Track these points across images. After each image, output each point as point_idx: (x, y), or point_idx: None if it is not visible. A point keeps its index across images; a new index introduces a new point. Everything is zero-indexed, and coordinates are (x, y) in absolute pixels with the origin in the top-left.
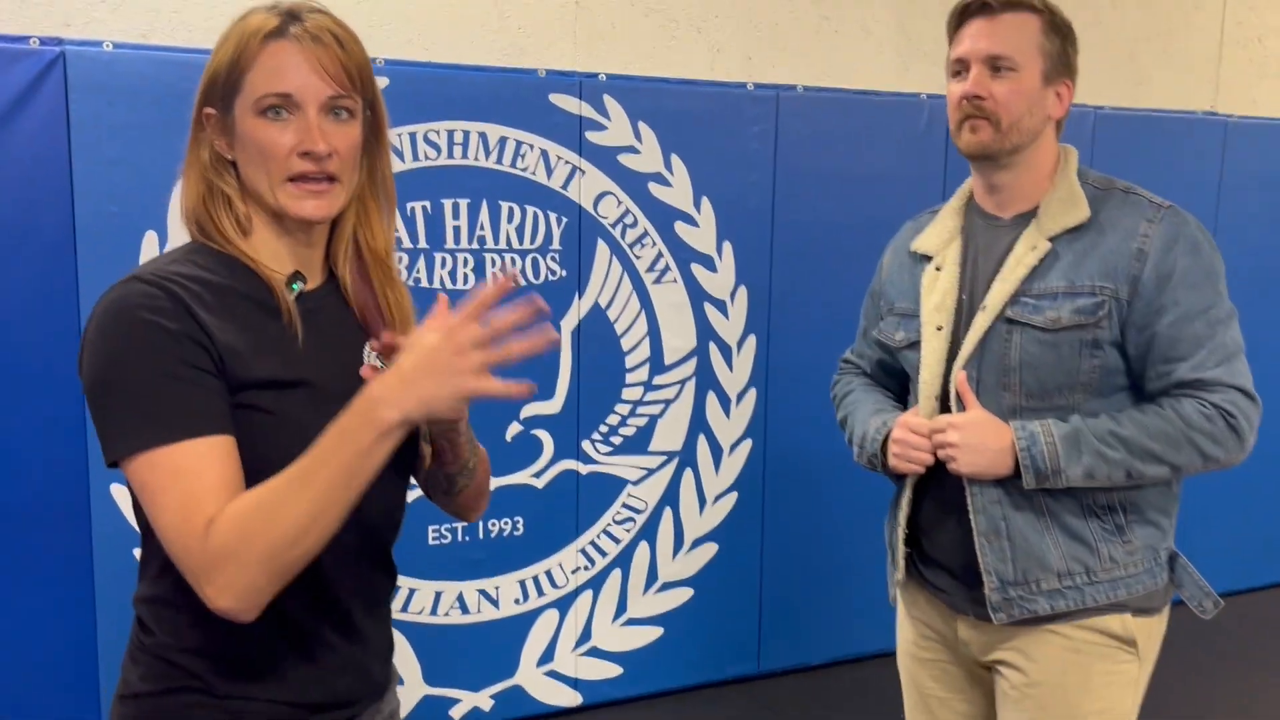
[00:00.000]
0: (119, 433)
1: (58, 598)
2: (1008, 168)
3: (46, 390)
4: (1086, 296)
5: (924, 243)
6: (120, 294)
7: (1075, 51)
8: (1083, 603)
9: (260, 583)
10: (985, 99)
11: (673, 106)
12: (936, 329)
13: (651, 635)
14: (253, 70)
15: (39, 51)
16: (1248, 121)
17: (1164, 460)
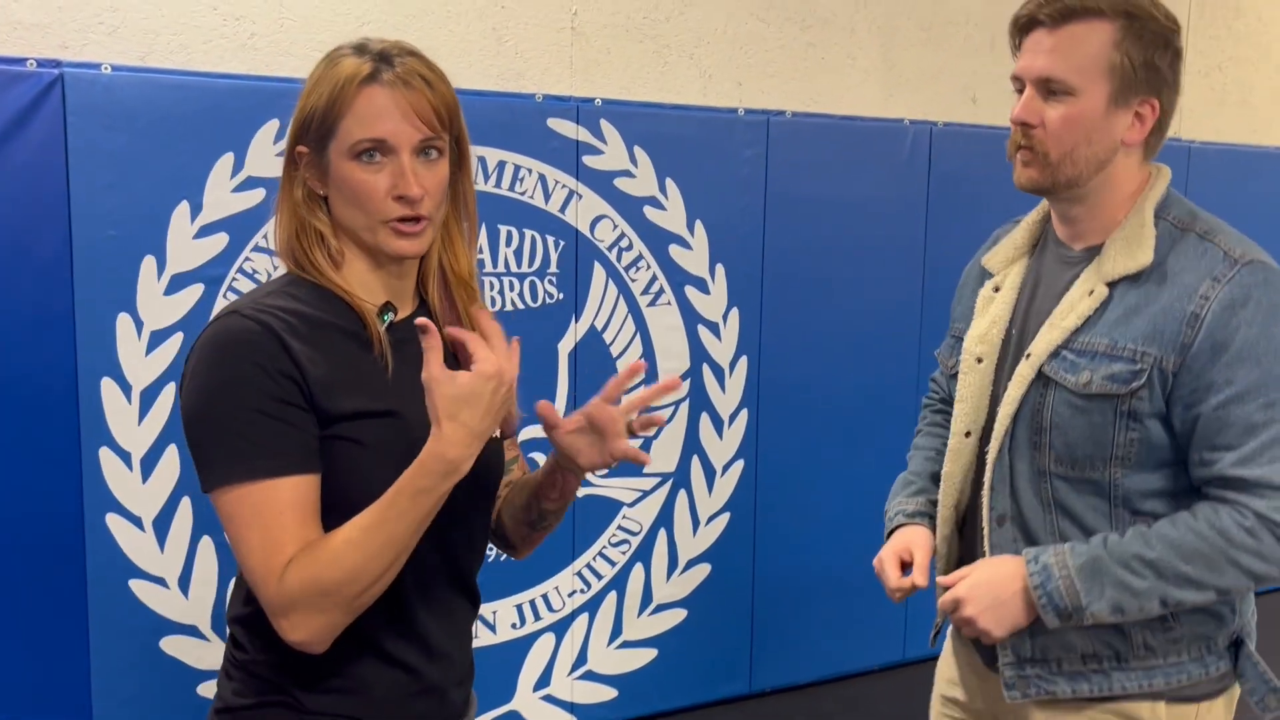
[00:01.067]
0: (211, 463)
1: (52, 629)
2: (1075, 200)
3: (41, 418)
4: (1125, 362)
5: (992, 258)
6: (220, 328)
7: (1172, 60)
8: (1109, 689)
9: (333, 622)
10: (1035, 126)
11: (667, 131)
12: (976, 360)
13: (646, 657)
14: (348, 116)
15: (37, 74)
16: (1210, 147)
17: (1204, 585)
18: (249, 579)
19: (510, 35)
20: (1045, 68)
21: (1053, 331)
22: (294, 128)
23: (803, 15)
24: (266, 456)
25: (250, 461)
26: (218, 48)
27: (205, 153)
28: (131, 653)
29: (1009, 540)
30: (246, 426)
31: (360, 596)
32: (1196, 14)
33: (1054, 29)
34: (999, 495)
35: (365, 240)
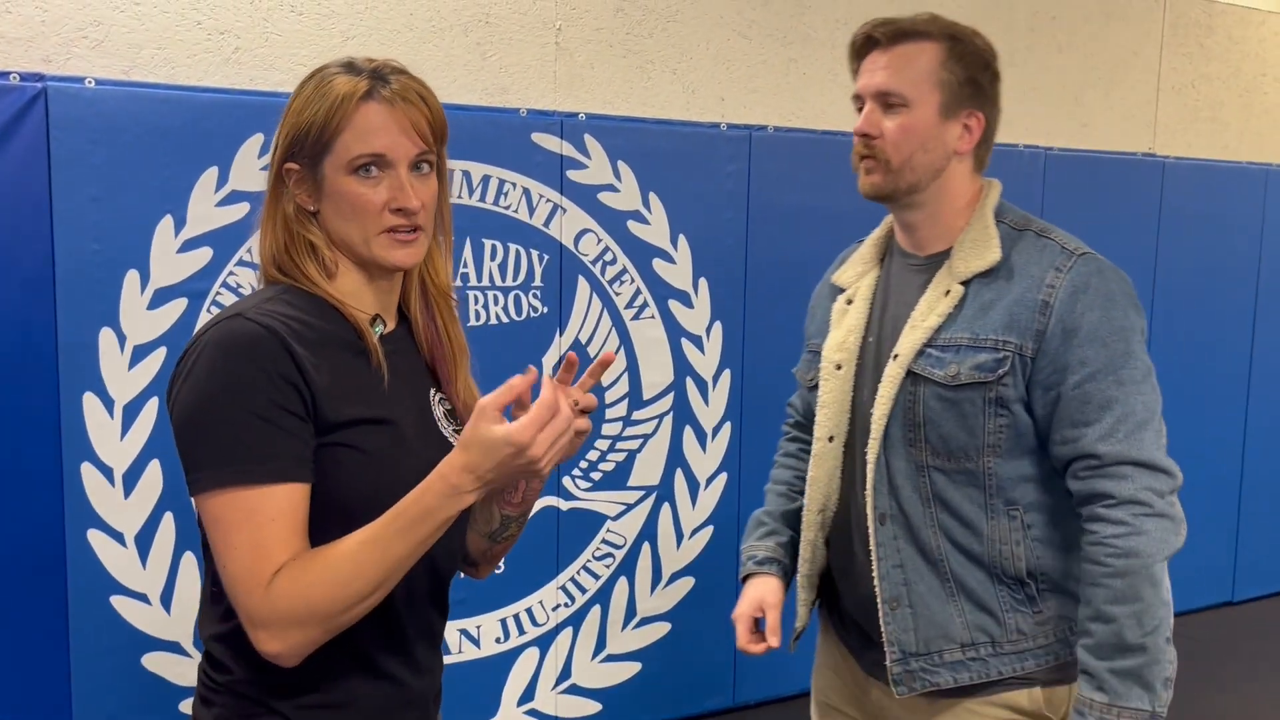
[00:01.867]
0: (203, 465)
1: (33, 647)
2: (913, 207)
3: (23, 433)
4: (988, 351)
5: (841, 274)
6: (225, 330)
7: (992, 79)
8: (987, 674)
9: (313, 639)
10: (876, 137)
11: (650, 146)
12: (836, 368)
13: (630, 671)
14: (346, 132)
15: (20, 88)
16: (1183, 162)
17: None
18: (230, 586)
19: (495, 50)
20: (883, 83)
21: (916, 332)
22: (284, 144)
23: (784, 31)
24: (262, 461)
25: (245, 465)
26: (202, 62)
27: (189, 167)
28: (113, 669)
29: (890, 538)
30: (243, 430)
31: (345, 614)
32: (1169, 32)
33: (888, 48)
34: (880, 494)
35: (360, 253)
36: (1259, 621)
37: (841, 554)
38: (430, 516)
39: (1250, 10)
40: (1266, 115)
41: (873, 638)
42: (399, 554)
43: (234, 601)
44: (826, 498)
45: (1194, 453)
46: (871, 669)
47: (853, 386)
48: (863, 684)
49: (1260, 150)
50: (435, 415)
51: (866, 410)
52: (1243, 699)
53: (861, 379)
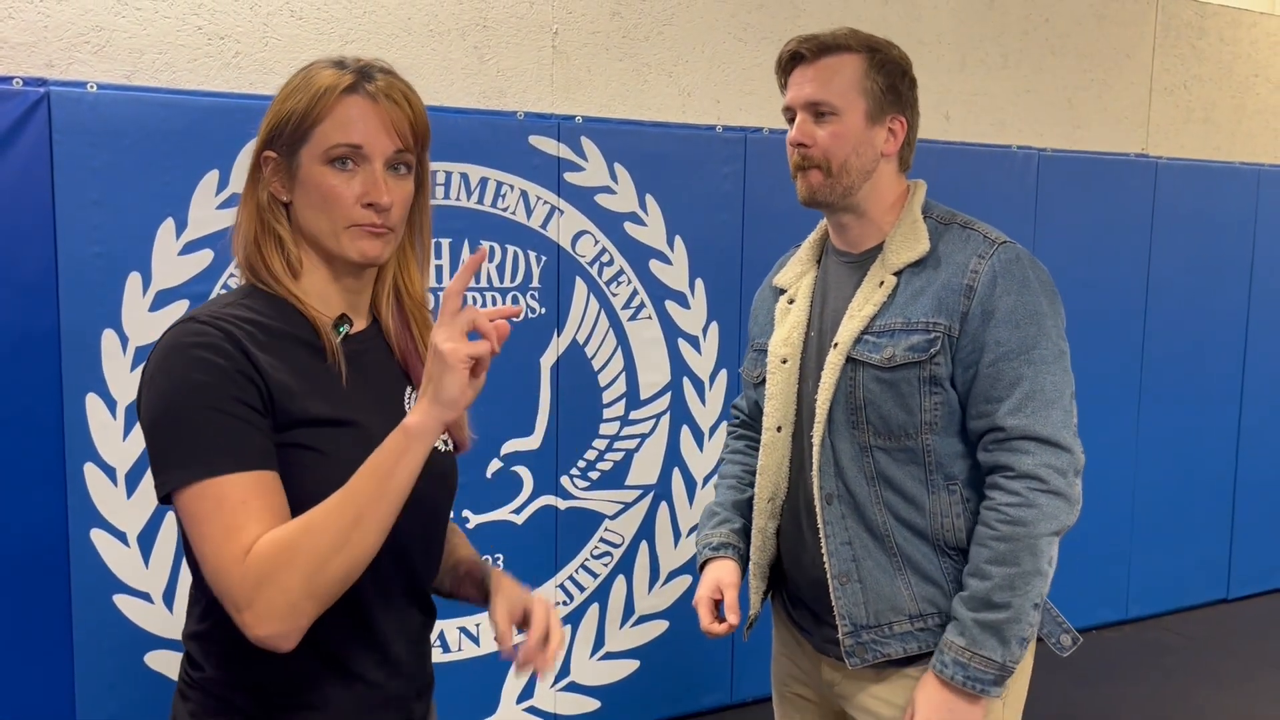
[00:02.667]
0: (170, 466)
1: (37, 644)
2: (847, 210)
3: (26, 434)
4: (920, 333)
5: (782, 277)
6: (176, 333)
7: (910, 85)
8: (934, 644)
9: (300, 604)
10: (810, 146)
11: (647, 148)
12: (781, 362)
13: (628, 668)
14: (325, 121)
15: (23, 92)
16: (1176, 163)
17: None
18: (211, 577)
19: (492, 54)
20: (812, 94)
21: (853, 321)
22: (264, 132)
23: (779, 34)
24: (226, 453)
25: (210, 459)
26: (203, 66)
27: (190, 170)
28: (116, 668)
29: (838, 516)
30: (205, 425)
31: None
32: (1161, 34)
33: (813, 62)
34: (825, 476)
35: (328, 247)
36: (1254, 618)
37: (791, 538)
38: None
39: (1242, 12)
40: (1258, 116)
41: (823, 616)
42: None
43: (217, 590)
44: (776, 485)
45: (1189, 451)
46: (823, 646)
47: (798, 379)
48: (815, 662)
49: (1252, 150)
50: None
51: (811, 399)
52: (1238, 695)
53: (805, 370)
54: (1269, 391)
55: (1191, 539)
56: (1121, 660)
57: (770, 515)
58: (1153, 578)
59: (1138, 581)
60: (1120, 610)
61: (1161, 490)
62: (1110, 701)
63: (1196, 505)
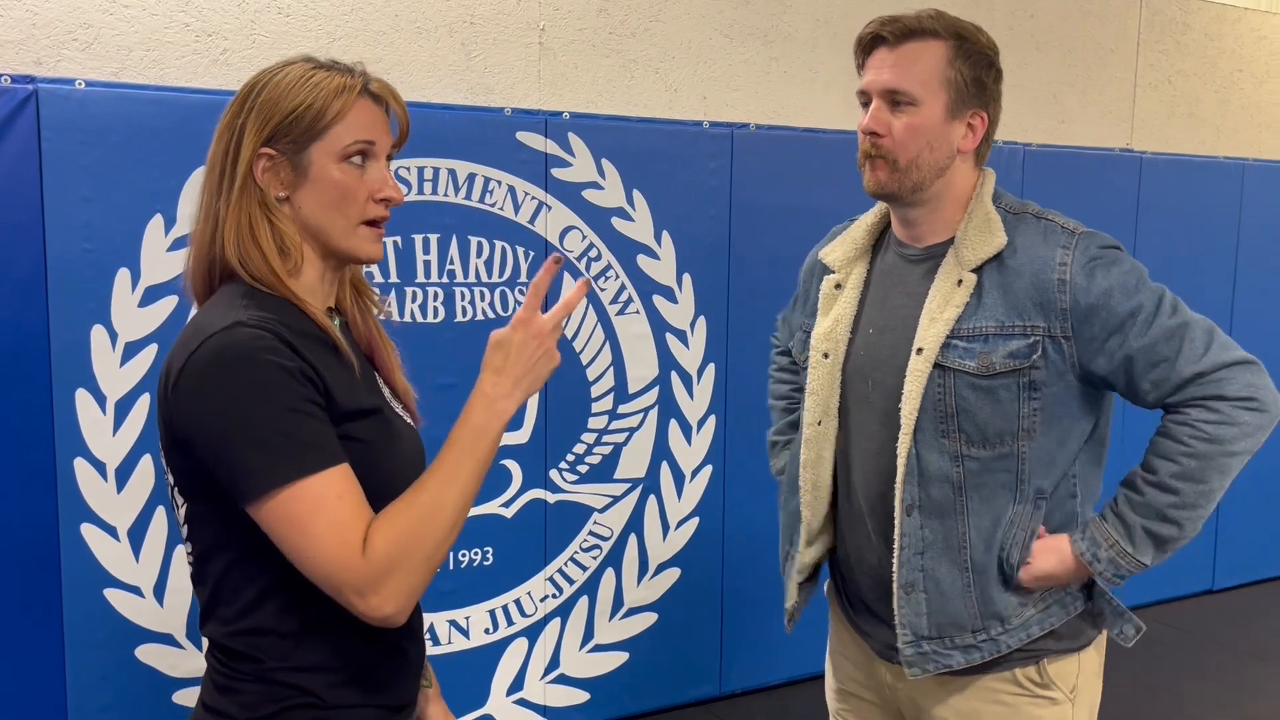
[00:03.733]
0: (256, 471)
1: (27, 639)
2: (916, 204)
3: (16, 429)
4: (1019, 338)
5: (830, 253)
6: (228, 340)
7: (995, 78)
8: (997, 651)
9: (421, 583)
10: (883, 136)
11: (634, 144)
12: (823, 356)
13: (618, 660)
14: (343, 121)
15: (11, 90)
16: (1160, 157)
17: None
18: (323, 573)
19: (479, 50)
20: (890, 81)
21: (936, 325)
22: (264, 130)
23: (766, 31)
24: (314, 450)
25: (300, 457)
26: (190, 63)
27: (179, 166)
28: (107, 661)
29: (916, 527)
30: (287, 425)
31: (440, 549)
32: (1146, 29)
33: (895, 46)
34: (909, 486)
35: (336, 244)
36: (1239, 609)
37: (855, 540)
38: (482, 434)
39: (1226, 7)
40: (1242, 111)
41: (885, 619)
42: (467, 478)
43: (331, 585)
44: (819, 479)
45: None
46: (882, 650)
47: (841, 373)
48: (873, 664)
49: (1236, 145)
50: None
51: (866, 402)
52: (1223, 685)
53: (855, 366)
54: None
55: None
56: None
57: (813, 507)
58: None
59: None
60: None
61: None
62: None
63: None
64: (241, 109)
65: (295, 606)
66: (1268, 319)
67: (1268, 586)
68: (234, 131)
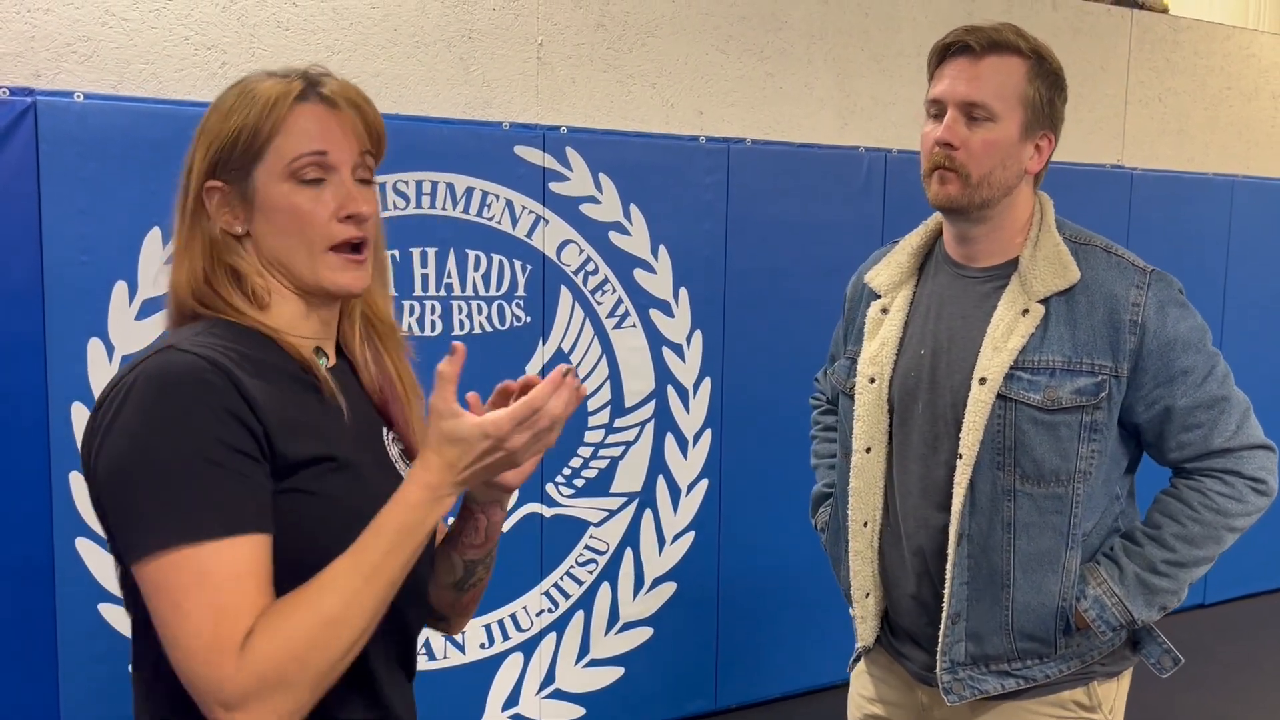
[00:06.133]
0: (144, 525)
1: (21, 653)
2: (979, 221)
3: (12, 441)
4: (1086, 375)
5: (876, 277)
6: (159, 365)
7: (1063, 101)
8: (1033, 680)
9: (306, 705)
10: (958, 148)
11: (631, 158)
12: (869, 381)
13: (613, 675)
14: (281, 134)
15: (10, 102)
16: (1151, 173)
17: (1213, 557)
18: (185, 664)
19: (477, 65)
20: (972, 93)
21: (1001, 354)
22: (203, 160)
23: (761, 46)
24: (216, 510)
25: (197, 517)
26: (189, 76)
27: (176, 180)
28: (101, 677)
29: (964, 556)
30: (188, 477)
31: (337, 664)
32: (1137, 47)
33: (979, 58)
34: (964, 517)
35: (302, 276)
36: (1231, 623)
37: (894, 564)
38: (415, 529)
39: (1215, 26)
40: (1231, 127)
41: (924, 644)
42: (388, 577)
43: (191, 682)
44: (870, 508)
45: None
46: (921, 674)
47: (887, 399)
48: (910, 686)
49: (1226, 162)
50: (390, 456)
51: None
52: (1216, 699)
53: (904, 391)
54: None
55: None
56: None
57: (867, 541)
58: None
59: None
60: None
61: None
62: None
63: None
64: (195, 137)
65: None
66: (1257, 334)
67: (1260, 600)
68: (187, 166)
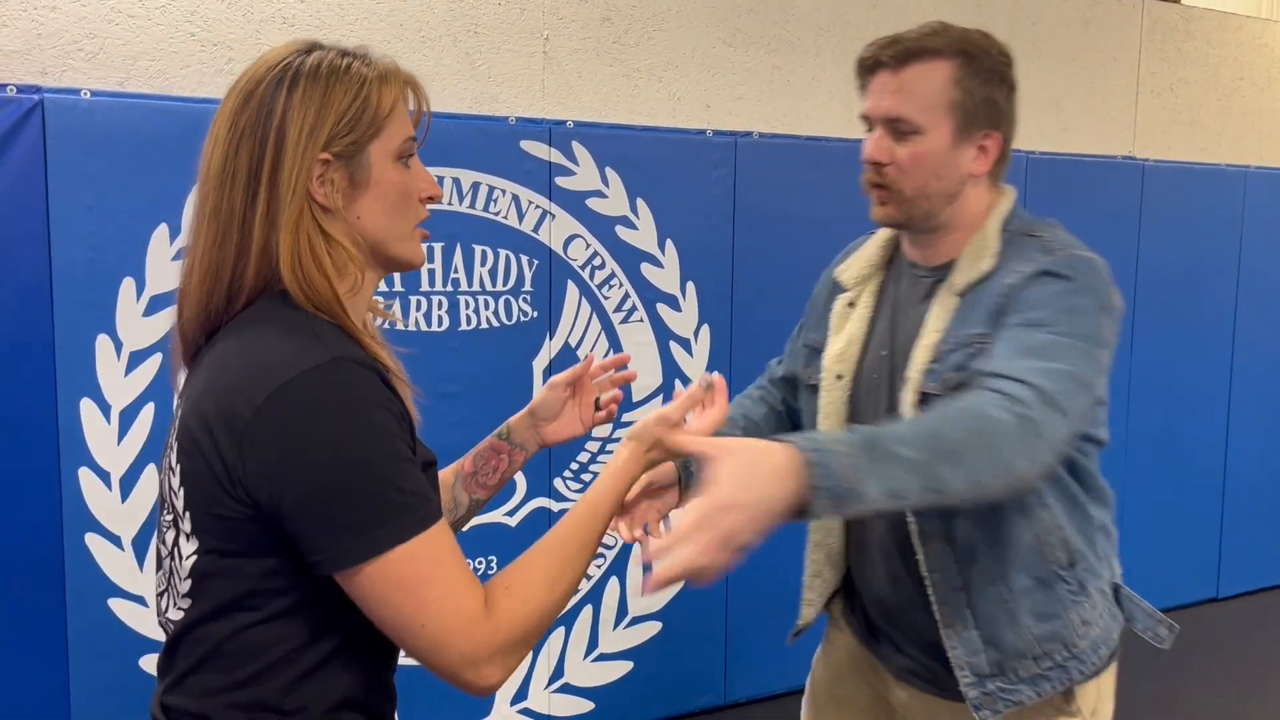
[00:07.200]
0: (371, 528)
1: (32, 648)
2: (928, 231)
3: (21, 438)
4: (965, 349)
5: (845, 271)
6: (333, 378)
7: (1009, 93)
8: (1068, 679)
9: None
10: (886, 165)
11: (637, 152)
12: (836, 378)
13: (622, 670)
14: (395, 116)
15: (17, 100)
16: (1163, 165)
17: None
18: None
19: (483, 60)
20: (891, 108)
21: (921, 354)
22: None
23: (768, 40)
24: (426, 501)
25: (418, 511)
26: (196, 73)
27: (184, 175)
28: (111, 671)
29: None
30: (400, 476)
31: (558, 613)
32: (1148, 38)
33: (897, 70)
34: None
35: (398, 255)
36: (1243, 617)
37: (860, 565)
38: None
39: (1228, 15)
40: (1244, 118)
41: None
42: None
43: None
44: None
45: (1177, 450)
46: (900, 674)
47: (850, 396)
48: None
49: (1238, 152)
50: None
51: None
52: (1228, 694)
53: (865, 390)
54: (1257, 390)
55: (1181, 538)
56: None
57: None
58: (1142, 576)
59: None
60: None
61: (1150, 489)
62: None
63: (1186, 504)
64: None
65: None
66: (1270, 326)
67: (1272, 594)
68: (262, 136)
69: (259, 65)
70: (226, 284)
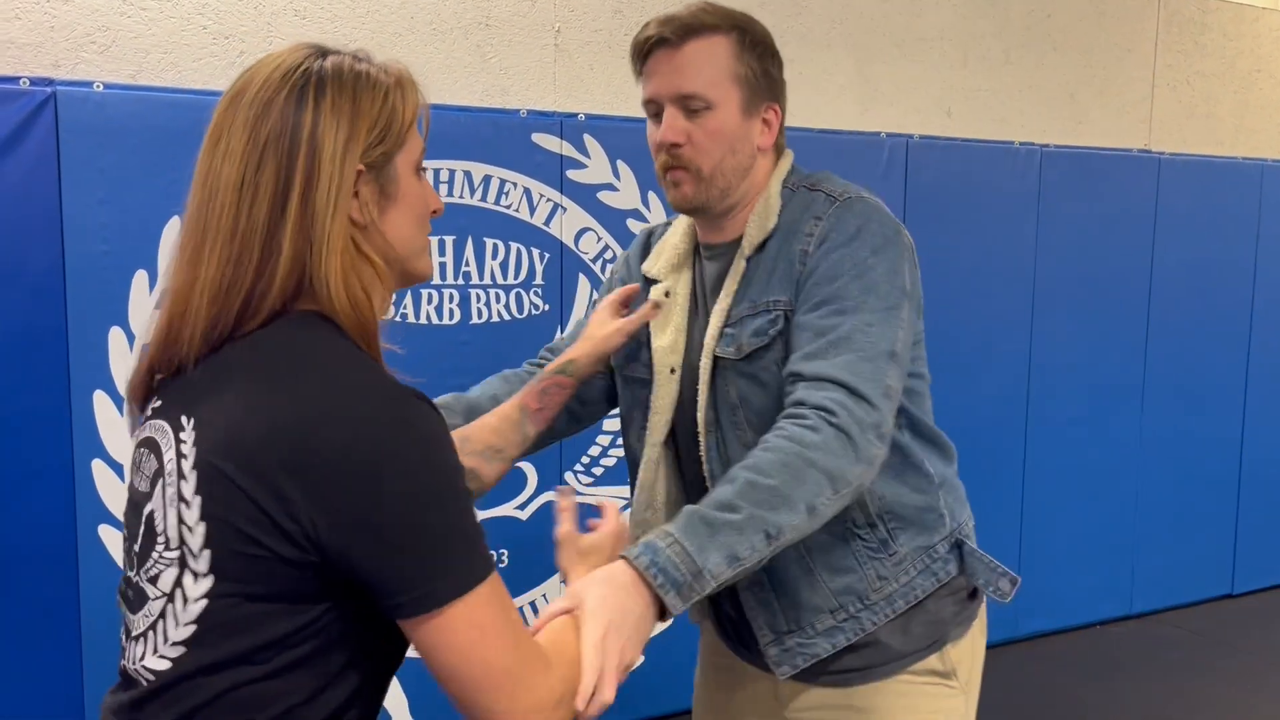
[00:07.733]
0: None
1: (45, 640)
2: (723, 214)
3: (35, 430)
4: (763, 315)
5: (651, 265)
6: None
7: (779, 66)
8: (862, 630)
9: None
10: (683, 145)
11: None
12: (670, 372)
13: None
14: (413, 126)
15: (30, 92)
16: (1179, 158)
17: (792, 499)
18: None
19: (495, 53)
20: (681, 85)
21: (715, 319)
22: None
23: (780, 32)
24: (485, 542)
25: (484, 554)
26: (207, 65)
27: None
28: None
29: None
30: (466, 516)
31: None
32: (1164, 30)
33: (679, 46)
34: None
35: (416, 269)
36: (1259, 613)
37: None
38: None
39: (1245, 7)
40: (1261, 111)
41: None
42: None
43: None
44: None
45: (1193, 446)
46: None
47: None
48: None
49: (1255, 146)
50: None
51: (689, 410)
52: (1242, 691)
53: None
54: (1273, 386)
55: (1196, 534)
56: (1125, 655)
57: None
58: (1157, 573)
59: (1142, 576)
60: (1124, 605)
61: (1166, 485)
62: (1114, 696)
63: (1201, 500)
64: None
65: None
66: None
67: None
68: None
69: (269, 71)
70: (239, 305)
